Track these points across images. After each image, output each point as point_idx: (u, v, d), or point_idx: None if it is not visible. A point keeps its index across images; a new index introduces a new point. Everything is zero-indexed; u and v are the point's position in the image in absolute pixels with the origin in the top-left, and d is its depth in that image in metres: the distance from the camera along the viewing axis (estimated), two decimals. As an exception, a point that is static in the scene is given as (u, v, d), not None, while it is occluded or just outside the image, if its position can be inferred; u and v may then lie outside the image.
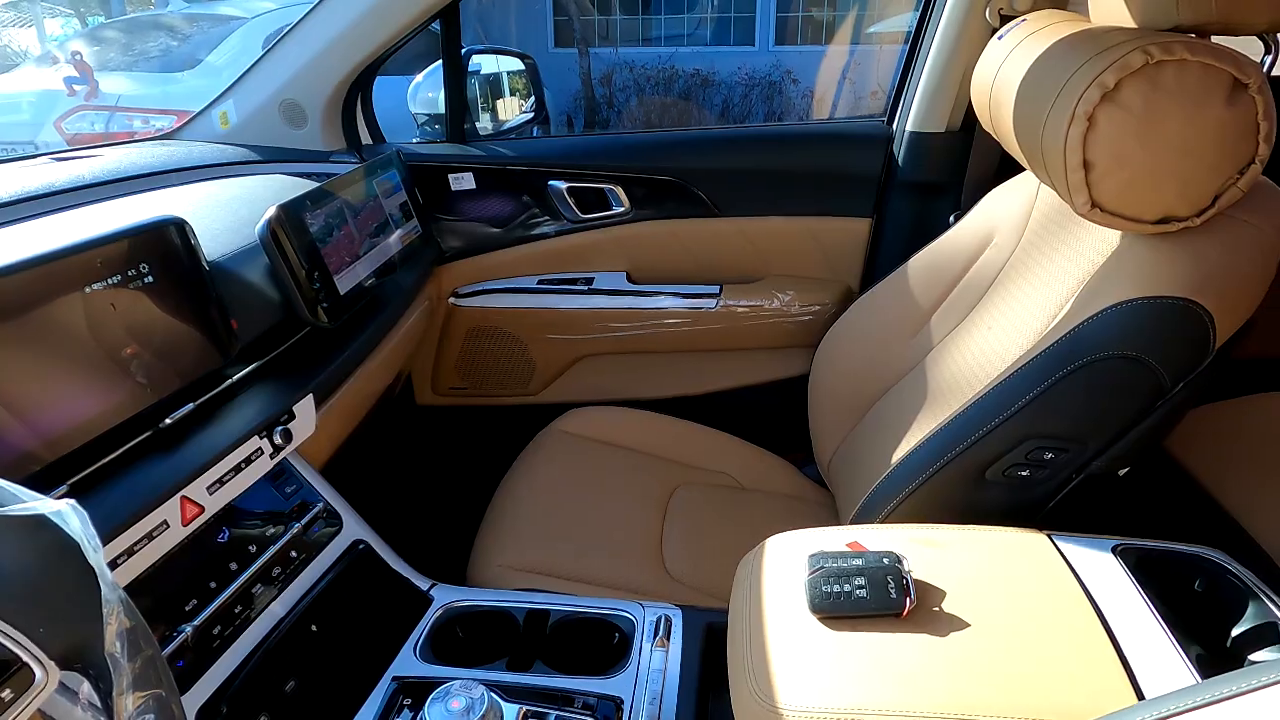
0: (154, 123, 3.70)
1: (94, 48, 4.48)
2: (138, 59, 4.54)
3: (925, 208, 1.42)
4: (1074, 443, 0.84)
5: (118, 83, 4.09)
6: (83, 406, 0.70)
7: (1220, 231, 0.80)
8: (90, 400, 0.71)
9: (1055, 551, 0.77)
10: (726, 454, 1.39)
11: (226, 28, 4.58)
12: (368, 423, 1.27)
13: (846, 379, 1.28)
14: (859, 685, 0.64)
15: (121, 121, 3.77)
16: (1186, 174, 0.77)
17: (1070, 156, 0.79)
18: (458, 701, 0.74)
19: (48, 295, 0.68)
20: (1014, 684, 0.63)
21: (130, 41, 4.58)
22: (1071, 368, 0.82)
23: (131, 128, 3.74)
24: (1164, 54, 0.74)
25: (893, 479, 0.93)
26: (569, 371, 1.59)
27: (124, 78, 4.21)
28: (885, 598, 0.70)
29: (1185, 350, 0.79)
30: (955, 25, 1.29)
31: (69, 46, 4.43)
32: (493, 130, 1.87)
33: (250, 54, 4.38)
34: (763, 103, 8.33)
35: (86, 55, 4.10)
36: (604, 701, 0.79)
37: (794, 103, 8.24)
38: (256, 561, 0.84)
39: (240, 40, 4.34)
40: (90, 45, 4.48)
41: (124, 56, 4.48)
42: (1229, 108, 0.74)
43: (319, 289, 0.97)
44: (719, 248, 1.51)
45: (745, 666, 0.68)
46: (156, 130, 3.76)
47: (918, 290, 1.23)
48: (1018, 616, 0.69)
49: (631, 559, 1.11)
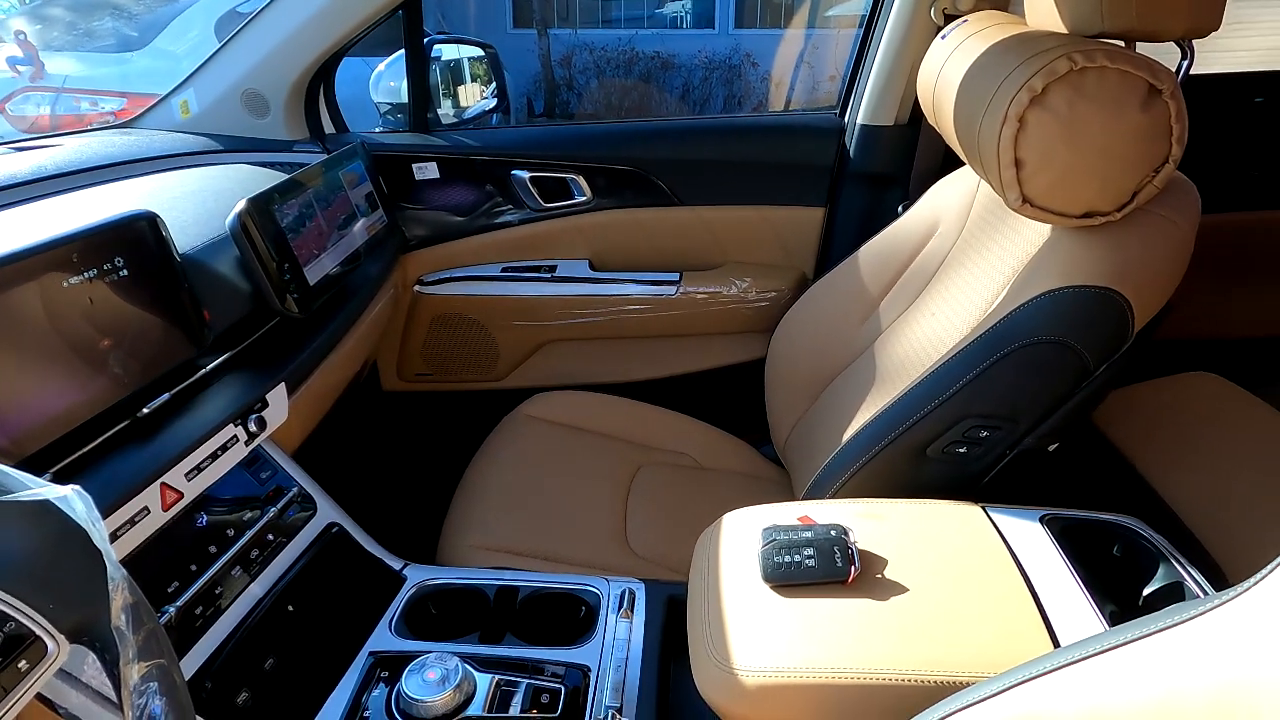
0: (103, 104, 3.61)
1: (37, 26, 4.35)
2: (83, 38, 4.41)
3: (875, 198, 1.47)
4: (1007, 421, 0.91)
5: (63, 63, 3.98)
6: (63, 397, 0.72)
7: (1139, 225, 0.87)
8: (70, 391, 0.73)
9: (988, 522, 0.84)
10: (687, 435, 1.44)
11: (174, 7, 4.47)
12: (336, 410, 1.30)
13: (801, 362, 1.34)
14: (808, 646, 0.69)
15: (68, 103, 3.68)
16: (1107, 172, 0.83)
17: (1003, 155, 0.85)
18: (433, 672, 0.79)
19: (28, 289, 0.70)
20: (946, 641, 0.69)
21: (75, 20, 4.45)
22: (1004, 352, 0.88)
23: (79, 110, 3.65)
24: (1086, 61, 0.80)
25: (841, 457, 0.99)
26: (533, 357, 1.63)
27: (70, 58, 4.09)
28: (832, 566, 0.75)
29: (1107, 335, 0.86)
30: (902, 23, 1.34)
31: (10, 24, 4.29)
32: (455, 116, 1.89)
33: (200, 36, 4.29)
34: (722, 86, 8.35)
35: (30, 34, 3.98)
36: (572, 670, 0.84)
37: (753, 86, 8.28)
38: (235, 545, 0.87)
39: (190, 21, 4.25)
40: (33, 24, 4.34)
41: (69, 36, 4.35)
42: (1144, 112, 0.80)
43: (289, 279, 0.99)
44: (679, 236, 1.55)
45: (703, 633, 0.73)
46: (105, 112, 3.67)
47: (867, 278, 1.29)
48: (952, 581, 0.76)
49: (597, 537, 1.16)
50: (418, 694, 0.77)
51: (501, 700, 0.79)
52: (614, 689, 0.82)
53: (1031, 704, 0.52)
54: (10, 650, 0.43)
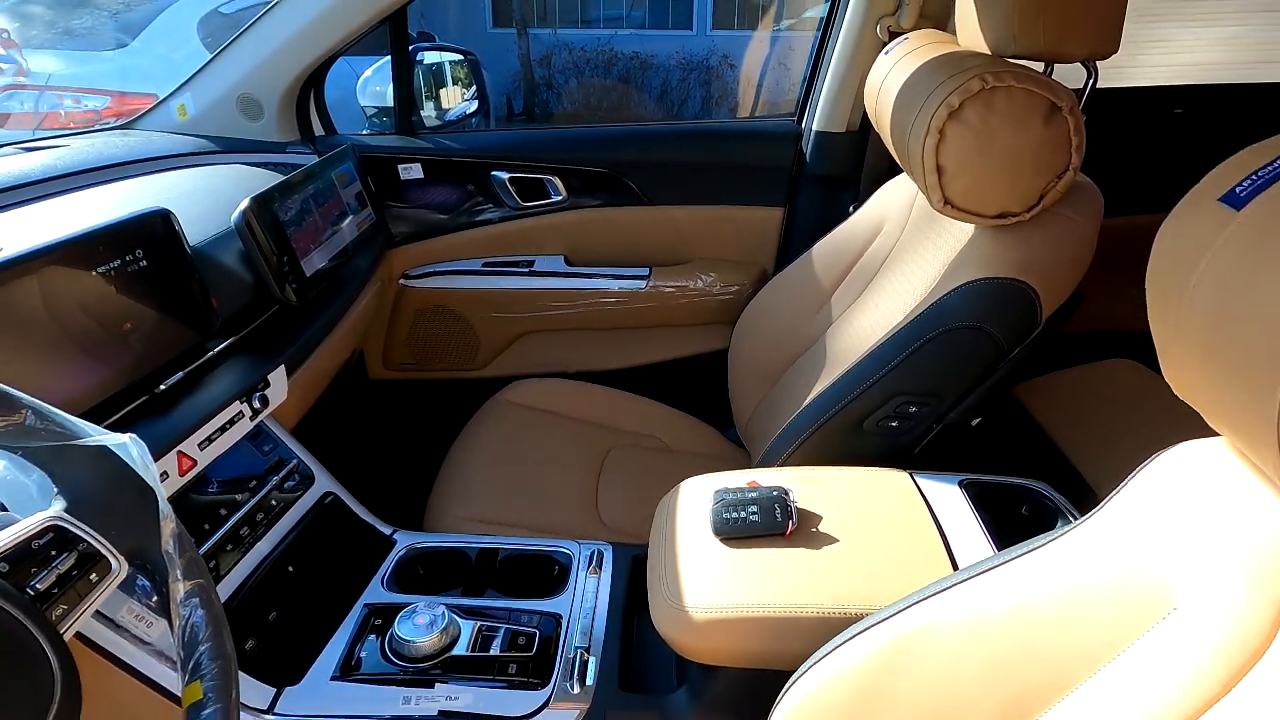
0: (86, 102, 3.66)
1: (17, 24, 4.37)
2: (64, 36, 4.44)
3: (829, 199, 1.59)
4: (933, 397, 1.02)
5: (46, 61, 4.01)
6: (93, 372, 0.81)
7: (1046, 225, 0.98)
8: (99, 367, 0.82)
9: (913, 486, 0.95)
10: (655, 420, 1.55)
11: (155, 6, 4.50)
12: (327, 397, 1.39)
13: (760, 351, 1.45)
14: (747, 587, 0.80)
15: (51, 100, 3.71)
16: (1016, 178, 0.95)
17: (926, 162, 0.96)
18: (422, 618, 0.89)
19: (65, 275, 0.79)
20: (865, 580, 0.80)
21: (56, 18, 4.48)
22: (929, 336, 1.00)
23: (63, 107, 3.69)
24: (996, 81, 0.91)
25: (789, 431, 1.10)
26: (512, 347, 1.72)
27: (52, 56, 4.12)
28: (773, 521, 0.86)
29: (1017, 321, 0.98)
30: (852, 39, 1.46)
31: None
32: (438, 119, 1.98)
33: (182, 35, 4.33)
34: (700, 87, 8.47)
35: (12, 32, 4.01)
36: (546, 618, 0.94)
37: (730, 87, 8.40)
38: (241, 509, 0.96)
39: (172, 21, 4.29)
40: (13, 21, 4.37)
41: (50, 34, 4.38)
42: (1047, 126, 0.92)
43: (288, 271, 1.09)
44: (648, 233, 1.66)
45: (660, 578, 0.84)
46: (89, 110, 3.71)
47: (821, 272, 1.40)
48: (876, 534, 0.87)
49: (570, 509, 1.26)
50: (409, 636, 0.87)
51: (483, 642, 0.90)
52: (583, 633, 0.92)
53: (924, 616, 0.63)
54: (83, 566, 0.52)
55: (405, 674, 0.86)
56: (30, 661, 0.46)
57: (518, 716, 0.83)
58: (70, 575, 0.51)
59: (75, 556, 0.52)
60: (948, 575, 0.65)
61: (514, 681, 0.86)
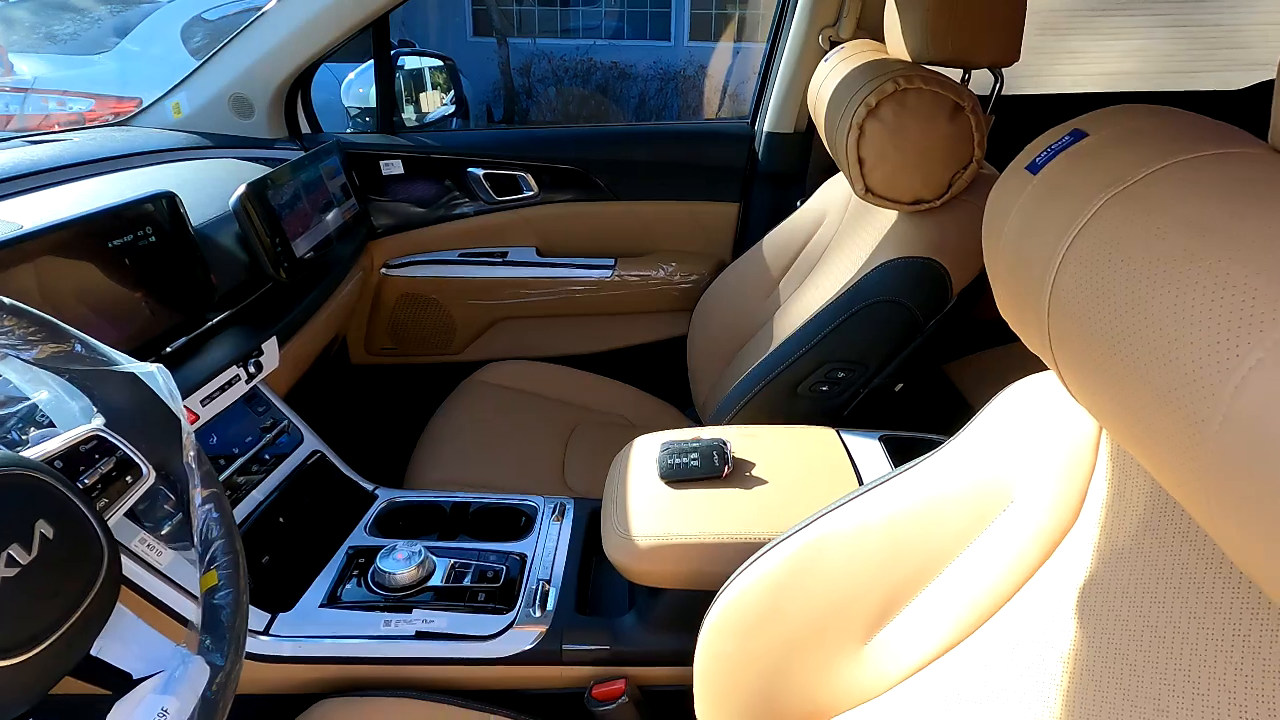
0: (71, 105, 3.74)
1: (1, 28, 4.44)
2: (47, 40, 4.51)
3: (779, 194, 1.72)
4: (858, 365, 1.15)
5: (30, 64, 4.08)
6: (110, 333, 0.92)
7: (955, 210, 1.12)
8: (115, 329, 0.93)
9: (838, 440, 1.08)
10: (620, 399, 1.67)
11: (138, 10, 4.59)
12: (311, 380, 1.49)
13: (716, 335, 1.57)
14: (688, 519, 0.92)
15: (37, 103, 3.79)
16: (927, 169, 1.08)
17: (850, 154, 1.09)
18: (401, 554, 1.00)
19: (87, 245, 0.90)
20: (784, 511, 0.92)
21: (39, 22, 4.54)
22: (855, 310, 1.13)
23: (47, 109, 3.76)
24: (907, 83, 1.05)
25: (732, 396, 1.22)
26: (487, 333, 1.84)
27: (36, 59, 4.19)
28: (711, 466, 0.98)
29: (931, 295, 1.11)
30: (797, 47, 1.60)
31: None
32: (417, 121, 2.10)
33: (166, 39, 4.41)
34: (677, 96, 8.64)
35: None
36: (512, 557, 1.06)
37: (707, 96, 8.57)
38: (238, 461, 1.07)
39: (156, 26, 4.37)
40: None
41: (34, 38, 4.45)
42: (951, 123, 1.06)
43: (280, 252, 1.20)
44: (614, 226, 1.78)
45: (612, 514, 0.96)
46: (73, 113, 3.79)
47: (770, 261, 1.53)
48: (801, 478, 0.99)
49: (538, 475, 1.38)
50: (389, 569, 0.98)
51: (456, 576, 1.01)
52: (545, 568, 1.04)
53: (819, 531, 0.75)
54: (122, 470, 0.63)
55: (386, 602, 0.97)
56: (85, 539, 0.57)
57: (486, 635, 0.94)
58: (111, 476, 0.63)
59: (114, 462, 0.63)
60: (845, 495, 0.77)
61: (483, 607, 0.97)
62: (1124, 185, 0.46)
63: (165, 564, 0.90)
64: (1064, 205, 0.50)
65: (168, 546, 0.91)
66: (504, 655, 0.94)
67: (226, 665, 0.62)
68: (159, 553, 0.90)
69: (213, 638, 0.63)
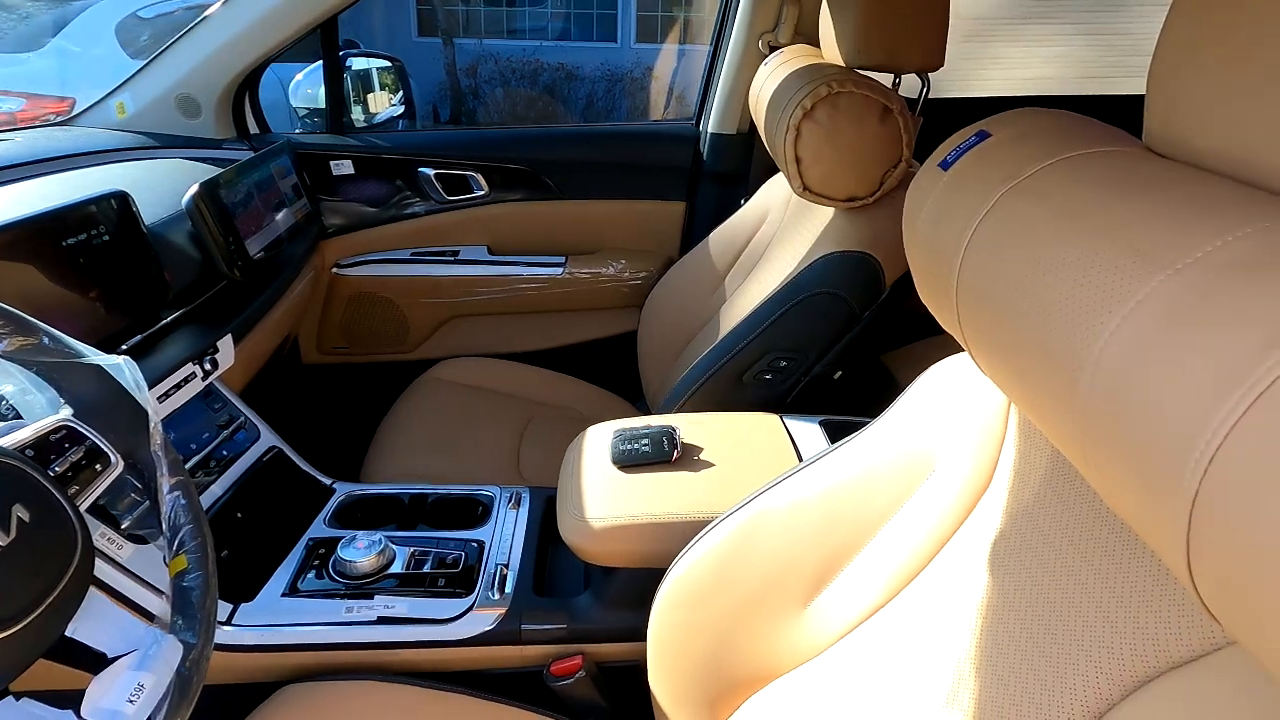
0: (1, 105, 3.62)
1: (-77, 24, 4.28)
2: (-29, 38, 4.37)
3: (724, 193, 1.78)
4: (799, 354, 1.21)
5: (-44, 62, 3.95)
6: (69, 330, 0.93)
7: (887, 206, 1.18)
8: (70, 327, 0.94)
9: (781, 425, 1.14)
10: (573, 394, 1.71)
11: (70, 8, 4.46)
12: (263, 380, 1.50)
13: (665, 329, 1.62)
14: (639, 501, 0.97)
15: (-37, 102, 3.67)
16: (860, 167, 1.14)
17: (788, 154, 1.15)
18: (362, 543, 1.03)
19: (41, 244, 0.91)
20: (731, 490, 0.97)
21: (-35, 19, 4.40)
22: (795, 301, 1.19)
23: (-25, 108, 3.65)
24: (840, 87, 1.11)
25: (680, 386, 1.28)
26: (439, 331, 1.86)
27: (-39, 57, 4.06)
28: (661, 451, 1.03)
29: (865, 287, 1.17)
30: (739, 51, 1.66)
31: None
32: (365, 121, 2.11)
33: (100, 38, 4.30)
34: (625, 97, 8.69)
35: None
36: (471, 544, 1.09)
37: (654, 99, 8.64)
38: (195, 457, 1.09)
39: (89, 23, 4.26)
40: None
41: (-41, 35, 4.31)
42: (881, 124, 1.12)
43: (234, 251, 1.21)
44: (564, 225, 1.82)
45: (567, 497, 1.00)
46: (4, 112, 3.68)
47: (716, 258, 1.59)
48: (746, 460, 1.05)
49: (494, 467, 1.41)
50: (350, 557, 1.00)
51: (416, 564, 1.04)
52: (503, 553, 1.07)
53: (760, 507, 0.80)
54: (91, 460, 0.65)
55: (347, 589, 0.99)
56: (59, 523, 0.59)
57: (447, 618, 0.97)
58: (80, 465, 0.65)
59: (84, 451, 0.65)
60: (785, 472, 0.83)
61: (443, 592, 1.00)
62: (1018, 180, 0.52)
63: (126, 557, 0.91)
64: (969, 198, 0.56)
65: (128, 541, 0.92)
66: (464, 637, 0.97)
67: (199, 643, 0.64)
68: (119, 546, 0.91)
69: (184, 618, 0.65)
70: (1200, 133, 0.46)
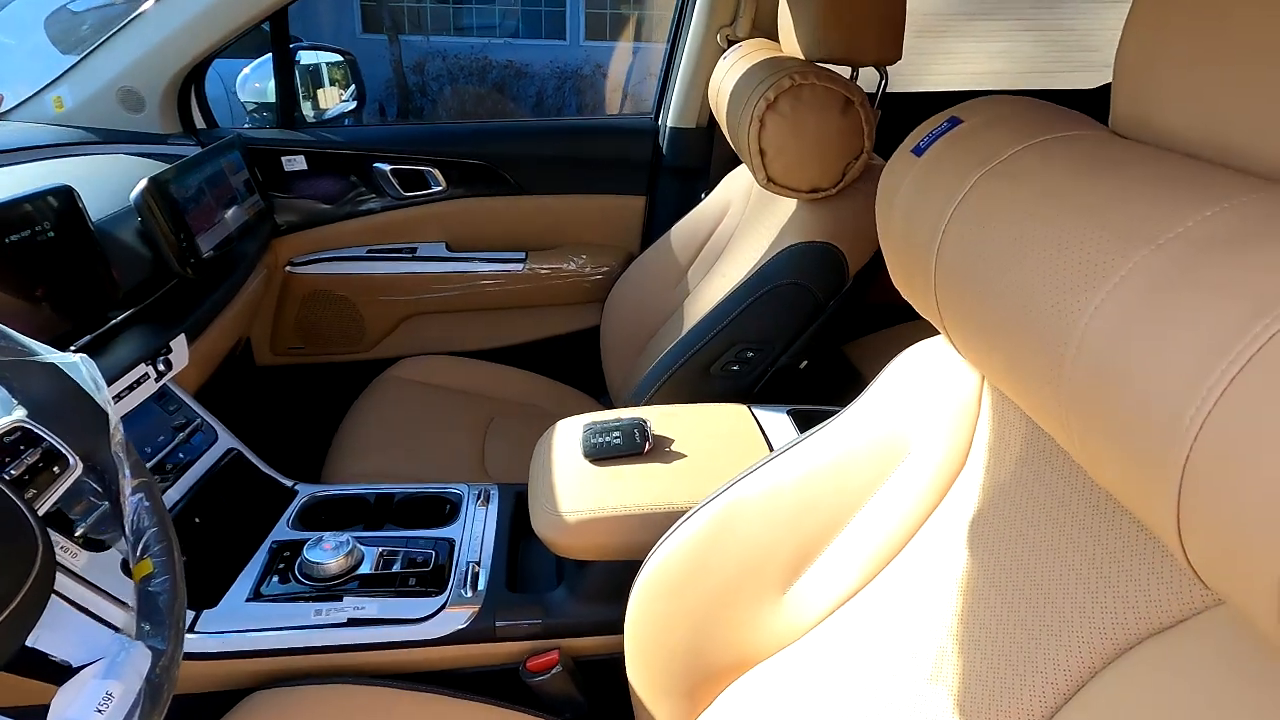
0: (-79, 101, 3.45)
1: None
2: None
3: (684, 187, 1.79)
4: (765, 344, 1.22)
5: None
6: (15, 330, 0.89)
7: (849, 197, 1.20)
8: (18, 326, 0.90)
9: (750, 415, 1.14)
10: (536, 391, 1.69)
11: (-4, 0, 4.27)
12: (216, 383, 1.45)
13: (628, 324, 1.62)
14: (612, 493, 0.96)
15: (-119, 98, 3.48)
16: (823, 159, 1.16)
17: (751, 146, 1.16)
18: (329, 544, 1.00)
19: (-18, 242, 0.87)
20: (703, 481, 0.98)
21: (-121, 10, 4.17)
22: (760, 293, 1.19)
23: (-106, 105, 3.47)
24: (802, 79, 1.12)
25: (648, 378, 1.28)
26: (398, 329, 1.83)
27: (-122, 50, 3.85)
28: (633, 443, 1.03)
29: (829, 277, 1.19)
30: (697, 46, 1.66)
31: None
32: (316, 116, 2.06)
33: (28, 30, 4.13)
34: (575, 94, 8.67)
35: None
36: (440, 543, 1.07)
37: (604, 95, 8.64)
38: (153, 460, 1.05)
39: (15, 15, 4.08)
40: None
41: (-126, 26, 4.08)
42: (843, 116, 1.14)
43: (185, 248, 1.17)
44: (524, 220, 1.81)
45: (538, 492, 0.99)
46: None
47: (678, 251, 1.59)
48: (717, 451, 1.05)
49: (458, 465, 1.39)
50: (317, 559, 0.98)
51: (385, 564, 1.02)
52: (474, 551, 1.06)
53: (735, 495, 0.80)
54: (48, 462, 0.63)
55: (315, 592, 0.97)
56: (18, 530, 0.56)
57: (419, 618, 0.95)
58: (37, 467, 0.62)
59: (40, 453, 0.62)
60: (757, 461, 0.83)
61: (414, 591, 0.98)
62: (993, 164, 0.53)
63: (81, 565, 0.88)
64: (944, 182, 0.57)
65: (82, 549, 0.89)
66: (438, 636, 0.95)
67: (169, 649, 0.62)
68: (74, 554, 0.87)
69: (151, 624, 0.63)
70: (1168, 115, 0.47)
